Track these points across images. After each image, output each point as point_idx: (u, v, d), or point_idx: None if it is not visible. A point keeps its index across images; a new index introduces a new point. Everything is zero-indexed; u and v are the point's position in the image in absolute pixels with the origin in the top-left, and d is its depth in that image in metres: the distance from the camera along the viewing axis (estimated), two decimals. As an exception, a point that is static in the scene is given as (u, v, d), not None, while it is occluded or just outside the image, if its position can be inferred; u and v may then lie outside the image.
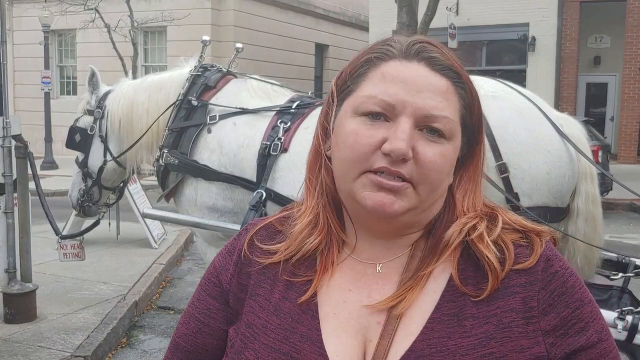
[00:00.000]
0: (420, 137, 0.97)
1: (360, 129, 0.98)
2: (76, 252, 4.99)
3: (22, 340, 4.67)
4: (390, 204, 0.96)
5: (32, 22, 17.34)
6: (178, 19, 16.21)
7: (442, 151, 0.97)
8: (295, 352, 0.99)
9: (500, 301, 0.97)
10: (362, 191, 0.97)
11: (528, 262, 0.99)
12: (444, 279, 1.01)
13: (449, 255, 1.01)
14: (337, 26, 23.07)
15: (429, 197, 0.99)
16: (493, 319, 0.96)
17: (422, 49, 1.00)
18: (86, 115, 4.08)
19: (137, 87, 3.97)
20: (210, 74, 3.75)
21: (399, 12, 12.82)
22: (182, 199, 3.58)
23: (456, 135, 1.00)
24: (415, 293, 0.99)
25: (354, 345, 0.98)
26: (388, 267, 1.04)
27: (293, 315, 1.02)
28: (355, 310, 1.01)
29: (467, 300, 0.98)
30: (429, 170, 0.96)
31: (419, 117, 0.96)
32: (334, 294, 1.03)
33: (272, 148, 3.24)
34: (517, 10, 16.19)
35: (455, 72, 1.00)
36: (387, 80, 0.98)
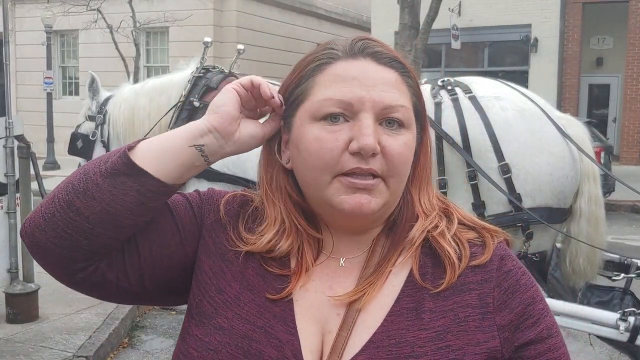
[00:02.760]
0: (382, 131, 0.98)
1: (322, 134, 0.98)
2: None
3: (24, 340, 4.67)
4: (367, 203, 0.98)
5: (35, 23, 17.37)
6: (180, 19, 16.22)
7: (405, 141, 1.00)
8: (269, 327, 1.00)
9: (457, 297, 1.00)
10: (337, 196, 0.98)
11: (482, 258, 1.03)
12: (404, 274, 1.03)
13: (411, 252, 1.04)
14: (339, 27, 23.04)
15: (398, 189, 1.02)
16: (450, 313, 0.99)
17: (365, 46, 1.02)
18: (87, 121, 4.08)
19: (138, 91, 3.97)
20: (212, 75, 3.75)
21: (401, 13, 12.81)
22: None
23: (412, 124, 1.02)
24: (376, 289, 1.01)
25: (314, 332, 1.00)
26: (351, 262, 1.05)
27: (267, 294, 1.03)
28: (317, 300, 1.03)
29: (425, 294, 1.01)
30: (397, 162, 0.98)
31: (377, 110, 0.98)
32: (304, 282, 1.05)
33: (274, 148, 3.24)
34: (520, 12, 16.19)
35: (400, 63, 1.03)
36: (339, 80, 0.99)
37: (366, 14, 20.89)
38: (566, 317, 2.71)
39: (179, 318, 5.71)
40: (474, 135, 2.76)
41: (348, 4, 23.21)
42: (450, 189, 2.79)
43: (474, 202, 2.78)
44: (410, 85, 1.04)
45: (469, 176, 2.75)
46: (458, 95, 2.87)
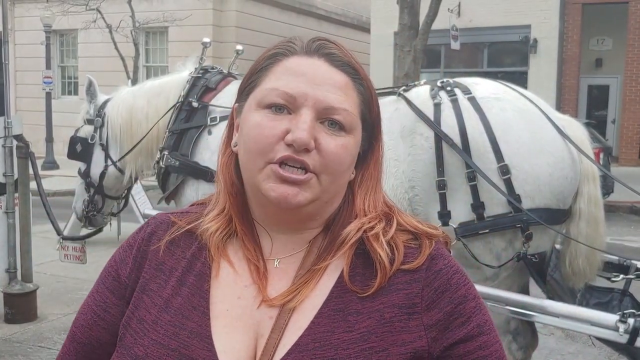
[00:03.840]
0: (322, 129, 1.01)
1: (264, 121, 1.01)
2: (77, 254, 4.98)
3: (22, 340, 4.67)
4: (294, 195, 0.99)
5: (34, 22, 17.36)
6: (180, 19, 16.22)
7: (343, 143, 1.01)
8: (183, 348, 0.99)
9: (384, 297, 1.00)
10: (266, 182, 1.00)
11: (415, 263, 1.03)
12: (335, 275, 1.03)
13: (344, 252, 1.04)
14: (339, 27, 23.05)
15: (331, 187, 1.03)
16: (376, 314, 0.99)
17: (321, 46, 1.05)
18: (86, 125, 4.07)
19: (135, 93, 3.96)
20: (210, 75, 3.75)
21: (400, 13, 12.81)
22: (183, 200, 3.58)
23: (356, 129, 1.04)
24: (309, 288, 1.02)
25: (244, 341, 1.00)
26: (286, 262, 1.06)
27: (183, 311, 1.03)
28: (249, 306, 1.02)
29: (353, 296, 1.01)
30: (331, 161, 1.00)
31: (319, 109, 1.00)
32: (229, 290, 1.05)
33: (273, 149, 3.24)
34: (519, 12, 16.19)
35: (353, 69, 1.05)
36: (289, 73, 1.02)
37: (366, 15, 20.90)
38: (565, 319, 2.71)
39: (178, 318, 5.71)
40: (473, 136, 2.76)
41: (348, 4, 23.22)
42: (449, 190, 2.79)
43: (473, 203, 2.77)
44: (361, 93, 1.05)
45: (468, 177, 2.74)
46: (457, 96, 2.87)
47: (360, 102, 1.05)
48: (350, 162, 1.04)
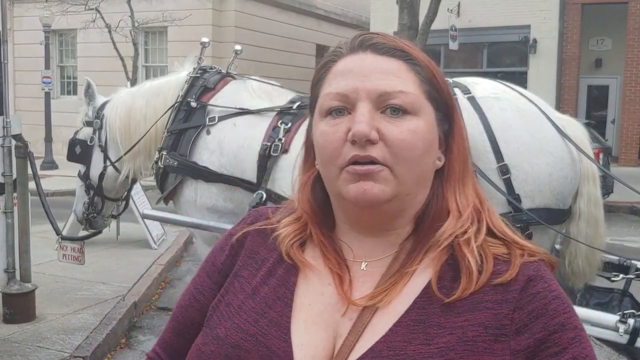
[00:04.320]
0: (383, 119, 0.98)
1: (326, 128, 1.00)
2: (76, 255, 4.97)
3: (21, 341, 4.65)
4: (370, 188, 0.96)
5: (33, 22, 17.33)
6: (179, 19, 16.19)
7: (409, 127, 0.98)
8: (261, 335, 1.00)
9: (470, 314, 0.95)
10: (345, 186, 0.98)
11: (505, 276, 0.97)
12: (421, 283, 1.00)
13: (434, 257, 1.00)
14: (339, 27, 23.03)
15: (408, 177, 0.99)
16: (458, 330, 0.94)
17: (364, 40, 1.03)
18: (85, 127, 4.06)
19: (134, 94, 3.95)
20: (209, 75, 3.74)
21: (400, 13, 12.81)
22: (181, 200, 3.57)
23: (423, 109, 1.00)
24: (392, 293, 0.99)
25: (323, 338, 0.99)
26: (373, 265, 1.04)
27: (268, 300, 1.04)
28: (331, 304, 1.02)
29: (437, 308, 0.97)
30: (399, 148, 0.97)
31: (374, 98, 0.98)
32: (313, 286, 1.05)
33: (273, 149, 3.22)
34: (519, 12, 16.19)
35: (402, 51, 1.02)
36: (339, 75, 1.02)
37: (365, 15, 20.89)
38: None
39: (177, 318, 5.69)
40: (473, 136, 2.74)
41: (347, 4, 23.21)
42: (449, 189, 2.78)
43: (473, 202, 2.77)
44: (419, 72, 1.02)
45: (468, 177, 2.74)
46: (457, 96, 2.86)
47: (421, 82, 1.01)
48: (424, 146, 0.99)
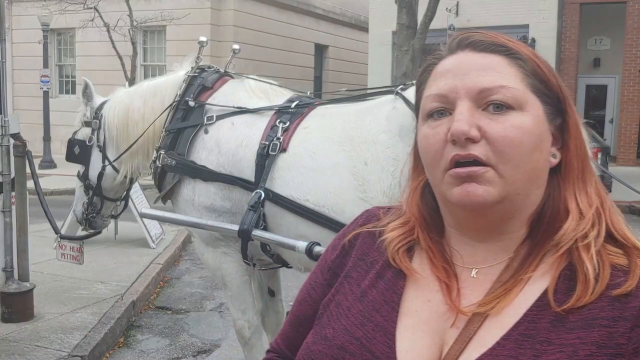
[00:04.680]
0: (484, 116, 0.94)
1: (428, 131, 0.99)
2: (74, 254, 4.96)
3: (19, 340, 4.65)
4: (474, 190, 0.93)
5: (31, 21, 17.32)
6: (177, 18, 16.18)
7: (514, 123, 0.94)
8: (365, 340, 0.99)
9: (583, 332, 0.88)
10: (449, 190, 0.96)
11: (623, 288, 0.89)
12: (536, 292, 0.94)
13: (552, 263, 0.95)
14: (337, 27, 23.05)
15: (516, 176, 0.94)
16: (568, 348, 0.87)
17: (462, 39, 1.01)
18: (84, 127, 4.05)
19: (132, 93, 3.94)
20: (207, 74, 3.73)
21: (398, 13, 12.81)
22: (179, 199, 3.56)
23: (529, 104, 0.96)
24: (504, 301, 0.94)
25: (429, 345, 0.96)
26: (484, 273, 0.99)
27: (375, 304, 1.03)
28: (438, 311, 0.99)
29: (547, 322, 0.91)
30: (503, 145, 0.93)
31: (473, 95, 0.95)
32: (421, 291, 1.02)
33: (271, 148, 3.22)
34: (517, 12, 16.19)
35: (502, 46, 0.99)
36: (438, 77, 1.00)
37: (364, 14, 20.88)
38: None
39: (175, 318, 5.70)
40: (471, 135, 2.76)
41: (346, 3, 23.21)
42: (446, 188, 2.79)
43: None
44: (522, 66, 0.98)
45: (466, 176, 2.75)
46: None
47: (525, 75, 0.97)
48: (531, 142, 0.94)
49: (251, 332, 3.54)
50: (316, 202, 3.05)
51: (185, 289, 6.60)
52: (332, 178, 3.04)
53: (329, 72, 22.97)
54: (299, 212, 3.10)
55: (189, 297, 6.32)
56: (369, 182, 2.96)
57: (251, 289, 3.60)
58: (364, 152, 3.00)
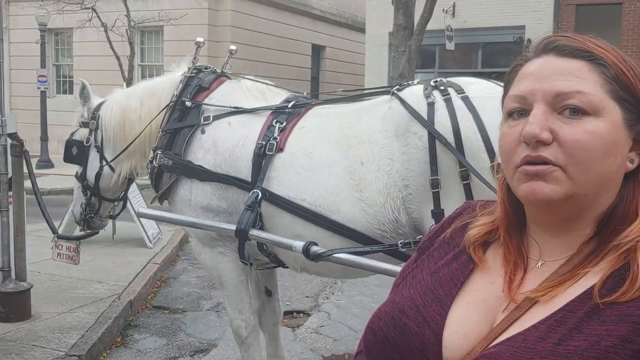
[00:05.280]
0: (559, 119, 0.98)
1: (506, 129, 1.05)
2: (71, 255, 4.97)
3: (16, 339, 4.66)
4: (540, 189, 0.98)
5: (29, 21, 17.31)
6: (175, 18, 16.19)
7: (587, 128, 0.97)
8: (423, 307, 1.09)
9: (613, 325, 0.90)
10: (518, 186, 1.02)
11: None
12: (585, 286, 0.97)
13: (611, 260, 0.97)
14: (334, 27, 23.06)
15: (585, 178, 0.97)
16: (593, 337, 0.91)
17: (548, 43, 1.05)
18: (81, 128, 4.06)
19: (129, 94, 3.96)
20: (204, 75, 3.74)
21: (395, 14, 12.84)
22: (176, 199, 3.58)
23: (605, 109, 0.98)
24: (556, 290, 0.99)
25: (479, 321, 1.04)
26: (548, 265, 1.04)
27: (442, 280, 1.12)
28: (496, 294, 1.06)
29: (584, 313, 0.94)
30: (574, 149, 0.96)
31: (549, 99, 0.99)
32: (487, 276, 1.10)
33: (268, 148, 3.24)
34: (513, 13, 16.22)
35: (586, 52, 1.01)
36: (521, 79, 1.05)
37: (361, 15, 20.90)
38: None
39: (172, 317, 5.71)
40: (467, 135, 2.77)
41: (343, 4, 23.23)
42: (443, 189, 2.80)
43: (467, 202, 2.80)
44: (603, 72, 1.00)
45: (462, 176, 2.75)
46: (451, 96, 2.88)
47: (605, 81, 0.99)
48: (603, 147, 0.97)
49: (248, 331, 3.56)
50: (312, 201, 3.07)
51: (183, 288, 6.61)
52: (329, 178, 3.06)
53: (326, 72, 23.00)
54: (296, 212, 3.12)
55: (186, 296, 6.34)
56: (365, 182, 2.98)
57: (248, 288, 3.61)
58: (360, 151, 3.02)
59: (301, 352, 4.95)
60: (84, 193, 4.12)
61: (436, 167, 2.82)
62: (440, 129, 2.82)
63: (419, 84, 3.13)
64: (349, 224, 3.00)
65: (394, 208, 2.92)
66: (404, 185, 2.89)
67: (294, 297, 6.23)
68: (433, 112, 2.86)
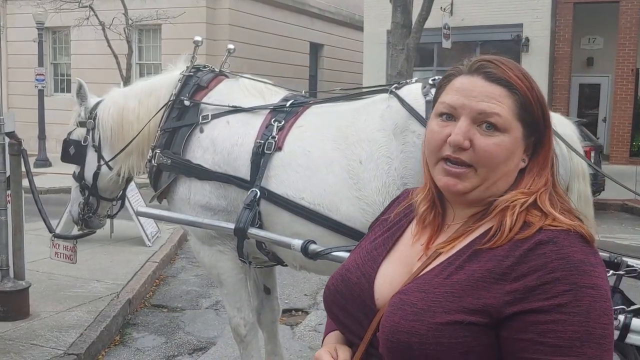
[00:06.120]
0: (478, 131, 1.30)
1: (435, 127, 1.35)
2: (68, 254, 4.96)
3: (14, 338, 4.66)
4: (454, 184, 1.32)
5: (26, 19, 17.29)
6: (173, 17, 16.18)
7: (495, 142, 1.29)
8: (362, 265, 1.46)
9: (485, 262, 1.25)
10: (437, 174, 1.35)
11: (522, 234, 1.23)
12: (472, 238, 1.31)
13: (491, 218, 1.30)
14: (332, 26, 23.06)
15: (490, 176, 1.31)
16: (469, 272, 1.25)
17: (480, 66, 1.33)
18: (79, 127, 4.05)
19: (127, 94, 3.94)
20: (202, 74, 3.74)
21: (393, 12, 12.83)
22: (175, 197, 3.58)
23: (512, 129, 1.30)
24: (452, 244, 1.33)
25: (402, 272, 1.38)
26: (452, 227, 1.38)
27: (377, 245, 1.49)
28: (415, 251, 1.41)
29: (467, 256, 1.28)
30: (483, 156, 1.29)
31: (474, 115, 1.30)
32: (409, 239, 1.45)
33: (266, 146, 3.24)
34: (511, 11, 16.22)
35: (507, 82, 1.31)
36: (454, 89, 1.34)
37: (359, 13, 20.90)
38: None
39: (171, 316, 5.72)
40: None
41: (341, 2, 23.23)
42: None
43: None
44: (516, 100, 1.31)
45: (460, 174, 2.76)
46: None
47: (517, 107, 1.30)
48: (505, 155, 1.30)
49: (247, 329, 3.56)
50: (311, 200, 3.08)
51: (181, 287, 6.62)
52: (327, 176, 3.06)
53: (324, 71, 22.99)
54: (294, 211, 3.12)
55: (185, 295, 6.34)
56: (364, 181, 2.98)
57: (247, 286, 3.61)
58: (358, 150, 3.02)
59: (300, 350, 4.96)
60: (81, 193, 4.10)
61: (435, 165, 2.82)
62: (438, 128, 2.82)
63: (417, 82, 3.13)
64: (347, 222, 3.00)
65: (392, 207, 2.92)
66: (402, 183, 2.89)
67: (292, 295, 6.24)
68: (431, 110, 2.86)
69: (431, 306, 1.23)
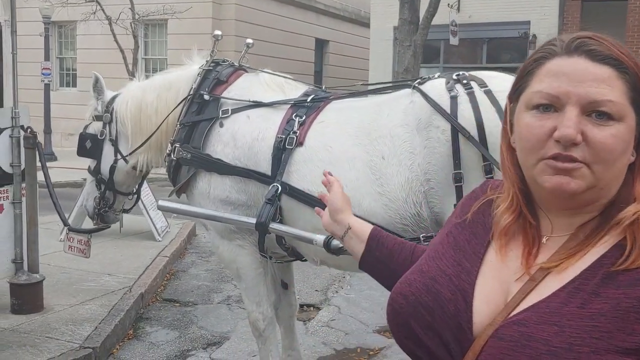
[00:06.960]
0: (589, 122, 1.09)
1: (532, 121, 1.13)
2: (82, 248, 4.97)
3: (29, 331, 4.67)
4: (567, 183, 1.10)
5: (33, 14, 17.26)
6: (179, 12, 16.16)
7: (612, 132, 1.09)
8: (455, 277, 1.21)
9: (629, 289, 1.03)
10: (541, 176, 1.12)
11: None
12: (594, 257, 1.10)
13: (615, 234, 1.10)
14: (338, 22, 23.03)
15: (605, 174, 1.10)
16: (613, 301, 1.03)
17: (581, 44, 1.13)
18: (95, 121, 4.03)
19: (145, 87, 3.94)
20: (222, 68, 3.74)
21: (400, 8, 12.82)
22: (194, 192, 3.58)
23: (627, 116, 1.10)
24: (568, 261, 1.11)
25: (497, 290, 1.18)
26: (554, 240, 1.17)
27: (466, 253, 1.25)
28: (508, 264, 1.19)
29: (599, 279, 1.06)
30: (600, 150, 1.08)
31: (583, 104, 1.09)
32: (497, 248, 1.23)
33: (288, 142, 3.23)
34: (518, 8, 16.19)
35: (616, 60, 1.11)
36: (551, 75, 1.13)
37: (365, 9, 20.88)
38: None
39: (184, 310, 5.73)
40: (490, 129, 2.76)
41: (347, -2, 23.20)
42: (465, 183, 2.80)
43: (489, 196, 2.80)
44: (628, 81, 1.11)
45: (485, 170, 2.75)
46: (474, 89, 2.88)
47: (629, 89, 1.10)
48: (622, 148, 1.10)
49: (265, 324, 3.57)
50: (333, 195, 3.07)
51: (192, 281, 6.62)
52: (349, 172, 3.06)
53: (330, 67, 22.96)
54: (316, 206, 3.12)
55: (196, 289, 6.35)
56: (386, 176, 2.98)
57: (265, 281, 3.62)
58: (381, 146, 3.02)
59: (313, 345, 4.96)
60: (97, 187, 4.09)
61: (459, 160, 2.81)
62: (463, 123, 2.81)
63: (440, 77, 3.13)
64: (370, 218, 2.99)
65: (415, 202, 2.92)
66: (425, 179, 2.89)
67: (303, 291, 6.24)
68: (456, 106, 2.86)
69: (573, 345, 1.01)
